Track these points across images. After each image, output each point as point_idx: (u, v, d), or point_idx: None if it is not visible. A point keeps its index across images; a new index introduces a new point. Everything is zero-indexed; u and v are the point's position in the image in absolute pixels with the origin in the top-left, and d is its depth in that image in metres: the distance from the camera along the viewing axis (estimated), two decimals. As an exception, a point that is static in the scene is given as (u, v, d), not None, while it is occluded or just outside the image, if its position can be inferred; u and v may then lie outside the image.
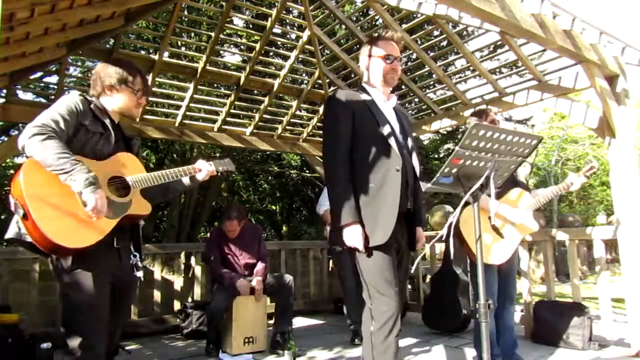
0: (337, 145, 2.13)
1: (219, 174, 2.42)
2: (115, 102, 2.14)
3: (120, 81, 2.11)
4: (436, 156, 11.96)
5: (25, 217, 1.76)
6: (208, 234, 4.30)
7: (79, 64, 7.48)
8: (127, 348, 4.00)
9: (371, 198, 2.07)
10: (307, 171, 10.88)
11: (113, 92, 2.12)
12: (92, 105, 2.07)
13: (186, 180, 2.32)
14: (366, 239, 2.04)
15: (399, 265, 2.18)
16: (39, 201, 1.76)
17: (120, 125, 2.23)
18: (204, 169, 2.31)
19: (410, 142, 2.27)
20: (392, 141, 2.13)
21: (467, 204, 1.88)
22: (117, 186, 2.01)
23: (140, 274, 2.13)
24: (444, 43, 7.80)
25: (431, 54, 6.20)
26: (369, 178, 2.09)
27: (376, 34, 2.35)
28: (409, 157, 2.21)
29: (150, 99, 3.17)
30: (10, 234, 1.86)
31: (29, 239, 1.81)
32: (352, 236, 2.03)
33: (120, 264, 2.07)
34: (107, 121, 2.10)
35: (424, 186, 1.90)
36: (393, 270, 2.07)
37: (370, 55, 2.29)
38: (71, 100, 1.98)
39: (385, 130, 2.15)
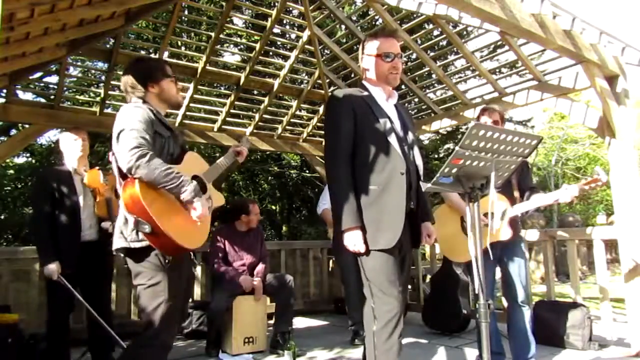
0: (339, 146, 2.10)
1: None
2: (162, 94, 2.13)
3: (161, 73, 2.13)
4: (436, 156, 11.95)
5: (152, 231, 1.82)
6: (214, 236, 4.26)
7: (79, 64, 7.49)
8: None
9: (374, 200, 2.06)
10: (307, 171, 10.88)
11: (155, 87, 2.11)
12: (154, 111, 2.05)
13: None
14: (367, 241, 2.02)
15: (402, 264, 2.16)
16: (162, 215, 1.84)
17: None
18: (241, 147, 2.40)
19: (412, 140, 2.23)
20: (394, 142, 2.11)
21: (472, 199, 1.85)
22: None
23: (197, 269, 2.22)
24: (444, 43, 7.79)
25: (431, 54, 6.20)
26: (372, 180, 2.07)
27: (374, 32, 2.31)
28: (412, 157, 2.19)
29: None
30: (117, 244, 1.97)
31: (137, 245, 1.91)
32: (353, 241, 2.02)
33: (189, 260, 2.17)
34: (166, 121, 2.11)
35: (424, 186, 1.89)
36: (397, 270, 2.06)
37: (370, 54, 2.22)
38: (143, 113, 1.97)
39: (388, 130, 2.12)
